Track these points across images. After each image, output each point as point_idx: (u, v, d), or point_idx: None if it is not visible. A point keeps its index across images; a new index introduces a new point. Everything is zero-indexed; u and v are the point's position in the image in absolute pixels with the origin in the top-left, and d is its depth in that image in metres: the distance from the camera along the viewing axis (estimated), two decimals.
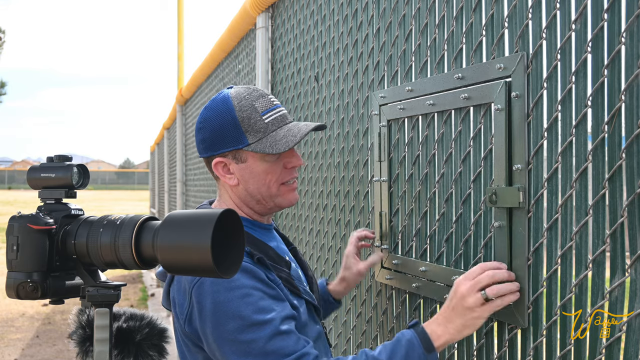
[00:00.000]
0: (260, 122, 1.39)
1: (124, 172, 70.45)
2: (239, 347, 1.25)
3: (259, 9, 2.95)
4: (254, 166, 1.42)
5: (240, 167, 1.43)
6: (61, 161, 1.14)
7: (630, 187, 1.05)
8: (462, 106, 1.45)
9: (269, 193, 1.44)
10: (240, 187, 1.45)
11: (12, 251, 1.05)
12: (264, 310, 1.28)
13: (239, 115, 1.39)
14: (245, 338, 1.25)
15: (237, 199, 1.47)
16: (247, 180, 1.43)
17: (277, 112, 1.43)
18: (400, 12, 1.74)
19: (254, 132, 1.39)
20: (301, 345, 1.27)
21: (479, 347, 1.43)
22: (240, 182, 1.44)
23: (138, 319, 1.35)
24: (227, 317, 1.26)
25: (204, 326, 1.30)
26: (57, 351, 5.74)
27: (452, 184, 1.51)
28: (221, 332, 1.27)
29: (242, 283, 1.29)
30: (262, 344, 1.25)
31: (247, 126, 1.39)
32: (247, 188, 1.44)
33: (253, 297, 1.28)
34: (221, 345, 1.27)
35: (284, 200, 1.46)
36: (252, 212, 1.48)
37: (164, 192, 9.61)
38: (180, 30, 8.66)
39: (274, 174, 1.43)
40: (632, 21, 1.04)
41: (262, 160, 1.42)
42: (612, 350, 1.08)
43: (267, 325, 1.26)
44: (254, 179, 1.43)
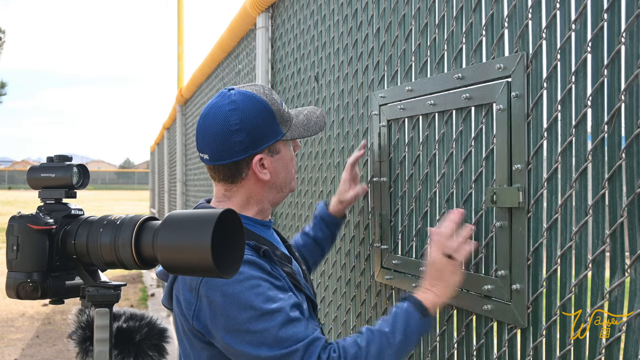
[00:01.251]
0: (285, 112, 1.49)
1: (124, 172, 70.46)
2: (253, 337, 1.29)
3: (259, 9, 2.95)
4: (285, 155, 1.50)
5: (275, 159, 1.48)
6: (61, 161, 1.14)
7: (630, 187, 1.05)
8: (463, 106, 1.45)
9: (290, 178, 1.54)
10: (270, 181, 1.48)
11: (12, 251, 1.05)
12: (274, 300, 1.31)
13: (274, 109, 1.46)
14: (257, 327, 1.28)
15: (258, 194, 1.48)
16: (279, 171, 1.49)
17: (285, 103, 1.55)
18: (400, 12, 1.74)
19: (283, 122, 1.48)
20: (311, 330, 1.32)
21: (479, 347, 1.43)
22: (272, 175, 1.48)
23: (138, 319, 1.35)
24: (239, 308, 1.29)
25: (215, 320, 1.31)
26: (57, 351, 5.74)
27: (453, 184, 1.51)
28: (233, 324, 1.29)
29: (250, 274, 1.32)
30: (274, 332, 1.28)
31: (280, 117, 1.47)
32: (276, 179, 1.49)
33: (262, 287, 1.31)
34: (234, 338, 1.30)
35: (294, 184, 1.57)
36: (262, 208, 1.51)
37: (164, 192, 9.61)
38: (180, 30, 8.66)
39: (293, 160, 1.54)
40: (632, 21, 1.04)
41: (289, 147, 1.52)
42: (611, 350, 1.08)
43: (278, 314, 1.29)
44: (284, 168, 1.50)
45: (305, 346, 1.29)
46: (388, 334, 1.34)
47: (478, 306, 1.40)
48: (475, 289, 1.41)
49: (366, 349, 1.32)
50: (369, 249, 1.95)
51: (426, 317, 1.37)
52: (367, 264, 1.97)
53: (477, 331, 1.44)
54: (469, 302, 1.44)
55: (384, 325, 1.36)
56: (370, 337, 1.33)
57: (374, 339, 1.33)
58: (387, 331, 1.34)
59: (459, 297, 1.47)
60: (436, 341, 1.60)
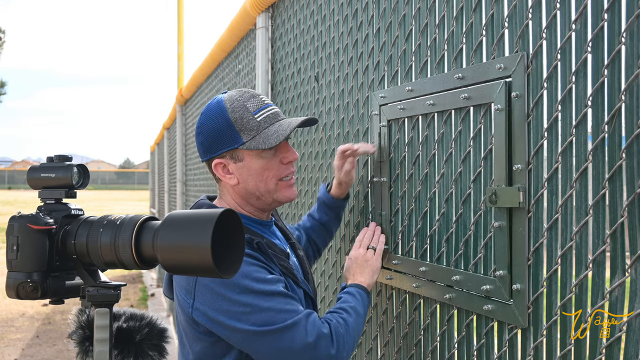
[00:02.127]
0: (252, 120, 1.47)
1: (124, 172, 70.44)
2: (258, 317, 1.36)
3: (259, 9, 2.95)
4: (250, 164, 1.49)
5: (238, 166, 1.50)
6: (61, 161, 1.14)
7: (631, 187, 1.05)
8: (462, 106, 1.45)
9: (267, 189, 1.51)
10: (241, 186, 1.51)
11: (12, 251, 1.05)
12: (270, 282, 1.40)
13: (231, 116, 1.47)
14: (263, 305, 1.36)
15: (239, 198, 1.54)
16: (246, 178, 1.50)
17: (268, 110, 1.50)
18: (401, 12, 1.74)
19: (247, 131, 1.46)
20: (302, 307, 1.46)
21: (479, 347, 1.43)
22: (240, 181, 1.51)
23: (138, 319, 1.35)
24: (241, 292, 1.36)
25: (218, 306, 1.36)
26: (57, 351, 5.74)
27: (452, 184, 1.51)
28: (238, 307, 1.36)
29: (245, 261, 1.38)
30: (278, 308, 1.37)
31: (241, 125, 1.46)
32: (246, 186, 1.51)
33: (258, 272, 1.39)
34: (239, 320, 1.36)
35: (282, 196, 1.53)
36: (253, 209, 1.55)
37: (164, 192, 9.61)
38: (180, 30, 8.66)
39: (270, 170, 1.50)
40: (632, 21, 1.04)
41: (259, 157, 1.49)
42: (612, 350, 1.08)
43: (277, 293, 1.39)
44: (252, 177, 1.50)
45: (306, 315, 1.40)
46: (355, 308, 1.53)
47: (478, 306, 1.39)
48: (474, 289, 1.41)
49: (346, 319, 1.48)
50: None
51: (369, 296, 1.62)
52: None
53: (477, 331, 1.44)
54: (470, 302, 1.43)
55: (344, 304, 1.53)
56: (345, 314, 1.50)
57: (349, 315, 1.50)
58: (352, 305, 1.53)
59: (460, 297, 1.47)
60: (436, 341, 1.60)
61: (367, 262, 1.67)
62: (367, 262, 1.67)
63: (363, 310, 1.56)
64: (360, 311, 1.54)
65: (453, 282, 1.48)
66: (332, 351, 1.41)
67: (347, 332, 1.46)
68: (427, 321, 1.64)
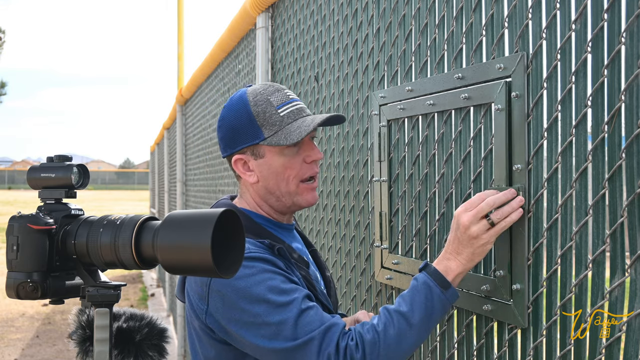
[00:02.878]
0: (275, 115, 1.39)
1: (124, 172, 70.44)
2: (268, 330, 1.26)
3: (259, 9, 2.95)
4: (272, 161, 1.42)
5: (259, 162, 1.42)
6: (61, 161, 1.14)
7: (630, 187, 1.05)
8: (462, 106, 1.45)
9: (287, 190, 1.43)
10: (260, 185, 1.44)
11: (12, 251, 1.05)
12: (287, 292, 1.29)
13: (254, 110, 1.40)
14: (273, 320, 1.26)
15: (258, 197, 1.47)
16: (267, 176, 1.43)
17: (293, 105, 1.42)
18: (400, 12, 1.74)
19: (269, 126, 1.39)
20: (327, 317, 1.29)
21: (479, 347, 1.43)
22: (260, 179, 1.43)
23: (138, 319, 1.35)
24: (252, 301, 1.28)
25: (228, 315, 1.30)
26: (57, 351, 5.74)
27: (452, 184, 1.51)
28: (248, 318, 1.28)
29: (262, 268, 1.30)
30: (290, 324, 1.26)
31: (263, 120, 1.39)
32: (267, 185, 1.43)
33: (275, 280, 1.30)
34: (249, 331, 1.28)
35: (302, 200, 1.45)
36: (272, 210, 1.48)
37: (164, 192, 9.61)
38: (180, 30, 8.66)
39: (292, 169, 1.42)
40: (632, 21, 1.04)
41: (281, 154, 1.41)
42: (612, 350, 1.08)
43: (292, 305, 1.27)
44: (273, 175, 1.42)
45: (321, 333, 1.25)
46: (407, 315, 1.25)
47: (478, 306, 1.39)
48: (474, 289, 1.41)
49: (384, 333, 1.25)
50: (369, 249, 1.95)
51: (448, 290, 1.26)
52: (367, 264, 1.97)
53: (477, 331, 1.44)
54: (470, 302, 1.43)
55: (402, 304, 1.27)
56: (387, 320, 1.26)
57: (392, 321, 1.26)
58: (405, 311, 1.26)
59: (460, 297, 1.47)
60: (436, 341, 1.60)
61: (471, 240, 1.26)
62: (472, 239, 1.26)
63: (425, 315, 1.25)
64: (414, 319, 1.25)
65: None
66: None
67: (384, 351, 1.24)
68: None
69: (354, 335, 1.26)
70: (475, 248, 1.26)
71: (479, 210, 1.25)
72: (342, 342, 1.25)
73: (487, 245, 1.26)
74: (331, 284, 1.57)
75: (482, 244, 1.26)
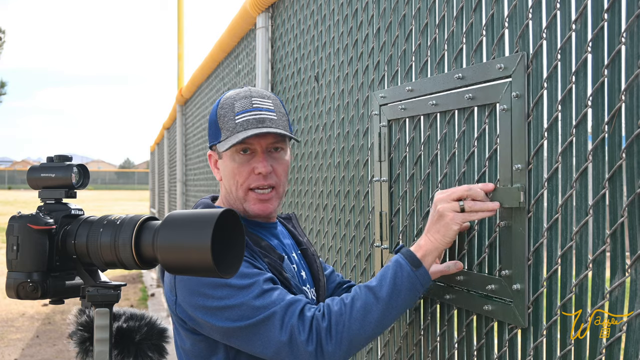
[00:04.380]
0: (231, 121, 1.44)
1: (124, 172, 70.42)
2: (231, 312, 1.31)
3: (259, 9, 2.95)
4: (226, 164, 1.48)
5: (220, 162, 1.51)
6: (61, 161, 1.14)
7: (631, 187, 1.05)
8: (466, 106, 1.45)
9: (237, 195, 1.47)
10: (223, 182, 1.51)
11: (12, 251, 1.05)
12: (248, 276, 1.33)
13: (219, 112, 1.47)
14: (235, 302, 1.30)
15: (223, 195, 1.53)
16: (224, 176, 1.50)
17: (253, 114, 1.42)
18: (401, 12, 1.74)
19: (225, 130, 1.45)
20: (290, 296, 1.34)
21: (479, 347, 1.43)
22: (222, 177, 1.51)
23: (138, 319, 1.35)
24: (214, 286, 1.32)
25: (194, 301, 1.33)
26: (57, 351, 5.74)
27: (455, 184, 1.51)
28: (211, 302, 1.31)
29: None
30: (251, 304, 1.30)
31: (222, 123, 1.46)
32: (225, 184, 1.50)
33: None
34: (214, 316, 1.32)
35: (250, 208, 1.47)
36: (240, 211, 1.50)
37: (164, 192, 9.61)
38: (180, 30, 8.66)
39: (240, 176, 1.45)
40: (632, 21, 1.04)
41: (232, 159, 1.46)
42: (612, 350, 1.08)
43: (254, 287, 1.32)
44: (227, 177, 1.49)
45: (283, 308, 1.29)
46: (375, 288, 1.30)
47: (479, 306, 1.39)
48: (478, 289, 1.41)
49: (350, 305, 1.30)
50: (369, 249, 1.95)
51: (418, 269, 1.30)
52: (367, 264, 1.97)
53: (477, 331, 1.44)
54: (470, 302, 1.43)
55: (373, 280, 1.33)
56: (356, 294, 1.31)
57: (360, 294, 1.31)
58: (374, 285, 1.31)
59: (460, 297, 1.47)
60: (436, 341, 1.60)
61: (439, 217, 1.31)
62: (440, 216, 1.31)
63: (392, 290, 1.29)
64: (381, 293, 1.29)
65: (456, 282, 1.48)
66: (310, 348, 1.27)
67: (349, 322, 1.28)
68: (427, 321, 1.64)
69: (322, 306, 1.32)
70: (441, 226, 1.30)
71: (453, 191, 1.32)
72: (307, 312, 1.30)
73: (452, 225, 1.30)
74: (320, 284, 1.59)
75: (447, 222, 1.30)
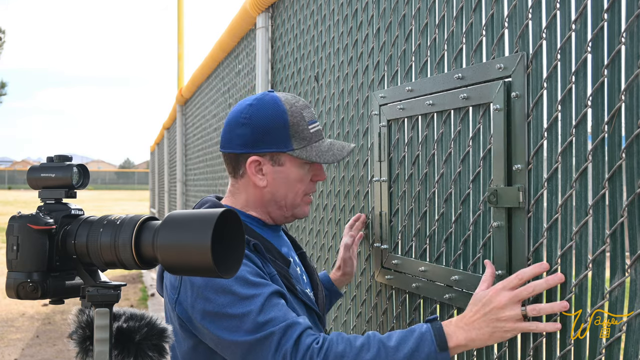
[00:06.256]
0: (306, 130, 1.43)
1: (124, 172, 70.41)
2: (230, 322, 1.27)
3: (259, 9, 2.95)
4: (290, 171, 1.44)
5: (276, 169, 1.43)
6: (61, 161, 1.14)
7: (630, 187, 1.05)
8: (461, 106, 1.45)
9: (293, 201, 1.47)
10: (267, 190, 1.45)
11: (12, 251, 1.05)
12: (253, 285, 1.30)
13: (290, 119, 1.42)
14: (235, 312, 1.27)
15: (257, 200, 1.47)
16: (279, 184, 1.44)
17: (317, 125, 1.48)
18: (400, 12, 1.74)
19: (299, 139, 1.42)
20: (291, 316, 1.29)
21: (479, 347, 1.43)
22: (269, 185, 1.44)
23: (138, 319, 1.35)
24: (218, 291, 1.29)
25: (194, 303, 1.31)
26: (57, 351, 5.74)
27: (452, 184, 1.51)
28: (212, 308, 1.29)
29: None
30: (252, 317, 1.26)
31: (295, 132, 1.42)
32: (274, 192, 1.45)
33: (244, 274, 1.30)
34: (212, 322, 1.29)
35: (300, 211, 1.50)
36: (266, 216, 1.49)
37: (164, 192, 9.61)
38: (180, 30, 8.66)
39: (303, 184, 1.46)
40: (632, 21, 1.04)
41: (299, 167, 1.45)
42: (612, 350, 1.08)
43: (257, 298, 1.28)
44: (286, 185, 1.45)
45: (282, 330, 1.25)
46: (389, 350, 1.21)
47: None
48: (473, 289, 1.41)
49: (357, 352, 1.22)
50: (369, 249, 1.95)
51: (442, 352, 1.20)
52: (367, 264, 1.97)
53: None
54: None
55: (391, 339, 1.23)
56: (367, 343, 1.23)
57: (372, 346, 1.22)
58: (390, 346, 1.21)
59: (459, 297, 1.47)
60: None
61: (497, 322, 1.19)
62: (499, 322, 1.19)
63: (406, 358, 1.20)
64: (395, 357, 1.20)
65: (452, 282, 1.48)
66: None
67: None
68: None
69: (324, 339, 1.25)
70: (497, 331, 1.20)
71: (517, 294, 1.19)
72: (305, 340, 1.24)
73: (509, 333, 1.20)
74: (319, 287, 1.58)
75: (506, 330, 1.19)
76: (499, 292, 1.21)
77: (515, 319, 1.19)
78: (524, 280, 1.21)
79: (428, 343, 1.20)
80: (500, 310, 1.19)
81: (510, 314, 1.19)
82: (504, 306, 1.19)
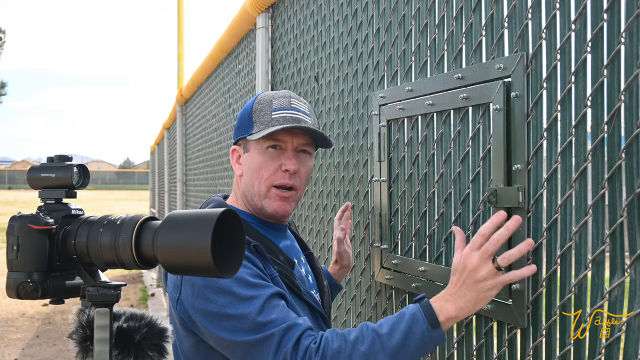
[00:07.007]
0: (267, 115, 1.44)
1: (124, 172, 70.39)
2: (230, 322, 1.27)
3: (259, 9, 2.95)
4: (253, 157, 1.46)
5: (245, 156, 1.49)
6: (61, 161, 1.14)
7: (630, 187, 1.05)
8: (460, 106, 1.45)
9: (259, 190, 1.45)
10: (242, 179, 1.49)
11: (12, 251, 1.05)
12: (254, 286, 1.30)
13: (255, 107, 1.47)
14: (235, 312, 1.27)
15: (241, 192, 1.51)
16: (246, 171, 1.48)
17: (290, 112, 1.44)
18: (400, 12, 1.74)
19: (259, 124, 1.44)
20: (292, 317, 1.28)
21: (479, 347, 1.43)
22: (243, 173, 1.49)
23: (138, 319, 1.35)
24: (218, 292, 1.29)
25: (195, 303, 1.32)
26: (57, 351, 5.74)
27: (451, 184, 1.51)
28: (212, 308, 1.29)
29: None
30: (252, 318, 1.26)
31: (257, 117, 1.45)
32: (245, 180, 1.48)
33: (244, 275, 1.31)
34: (212, 322, 1.30)
35: (269, 205, 1.45)
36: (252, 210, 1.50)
37: (164, 192, 9.61)
38: (180, 30, 8.66)
39: (266, 171, 1.44)
40: (631, 21, 1.04)
41: (261, 153, 1.44)
42: (611, 350, 1.09)
43: (257, 300, 1.28)
44: (251, 171, 1.46)
45: (282, 331, 1.24)
46: (383, 337, 1.21)
47: None
48: None
49: (352, 346, 1.21)
50: (369, 249, 1.95)
51: (435, 329, 1.20)
52: (367, 264, 1.97)
53: (477, 331, 1.44)
54: None
55: (383, 326, 1.23)
56: (361, 335, 1.22)
57: (366, 338, 1.22)
58: (383, 333, 1.21)
59: None
60: None
61: (477, 283, 1.20)
62: (478, 282, 1.20)
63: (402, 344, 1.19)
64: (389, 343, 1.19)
65: None
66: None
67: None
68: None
69: (320, 338, 1.25)
70: (480, 293, 1.20)
71: (484, 250, 1.20)
72: (304, 341, 1.24)
73: (493, 291, 1.20)
74: (325, 289, 1.58)
75: (488, 289, 1.20)
76: (469, 255, 1.22)
77: (491, 276, 1.20)
78: (487, 235, 1.21)
79: (419, 323, 1.20)
80: (476, 272, 1.20)
81: (485, 272, 1.20)
82: (478, 266, 1.20)
